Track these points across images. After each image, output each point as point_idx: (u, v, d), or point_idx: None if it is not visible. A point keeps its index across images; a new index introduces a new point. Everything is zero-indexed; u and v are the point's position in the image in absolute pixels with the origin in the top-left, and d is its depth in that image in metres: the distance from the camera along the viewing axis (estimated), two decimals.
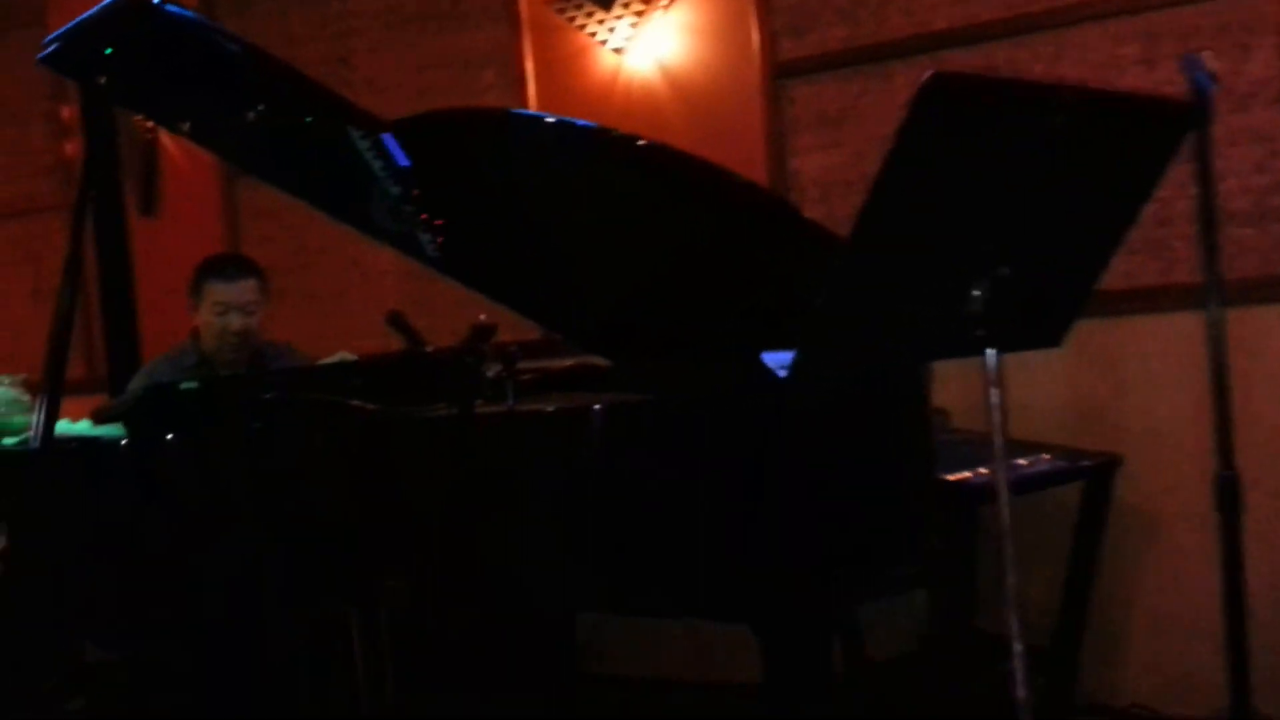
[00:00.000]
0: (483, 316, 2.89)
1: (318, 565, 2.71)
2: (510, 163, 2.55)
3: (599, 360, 3.23)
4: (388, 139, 3.12)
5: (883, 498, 2.46)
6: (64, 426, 3.21)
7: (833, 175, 4.19)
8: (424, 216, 3.25)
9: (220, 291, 3.78)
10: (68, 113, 5.60)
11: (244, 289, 3.81)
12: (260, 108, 2.74)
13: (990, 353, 1.96)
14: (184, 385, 3.24)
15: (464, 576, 2.53)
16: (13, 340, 5.47)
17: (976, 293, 1.91)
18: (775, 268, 2.39)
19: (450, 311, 4.78)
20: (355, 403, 2.89)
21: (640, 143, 2.33)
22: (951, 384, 2.91)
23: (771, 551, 2.27)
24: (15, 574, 2.90)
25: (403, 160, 3.29)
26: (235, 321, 3.79)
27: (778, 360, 2.23)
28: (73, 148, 5.55)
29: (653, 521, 2.28)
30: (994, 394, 1.98)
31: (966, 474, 2.91)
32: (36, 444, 2.85)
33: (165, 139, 5.35)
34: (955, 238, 1.88)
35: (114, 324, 5.10)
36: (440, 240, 3.45)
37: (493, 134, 2.61)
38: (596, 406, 2.35)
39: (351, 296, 5.02)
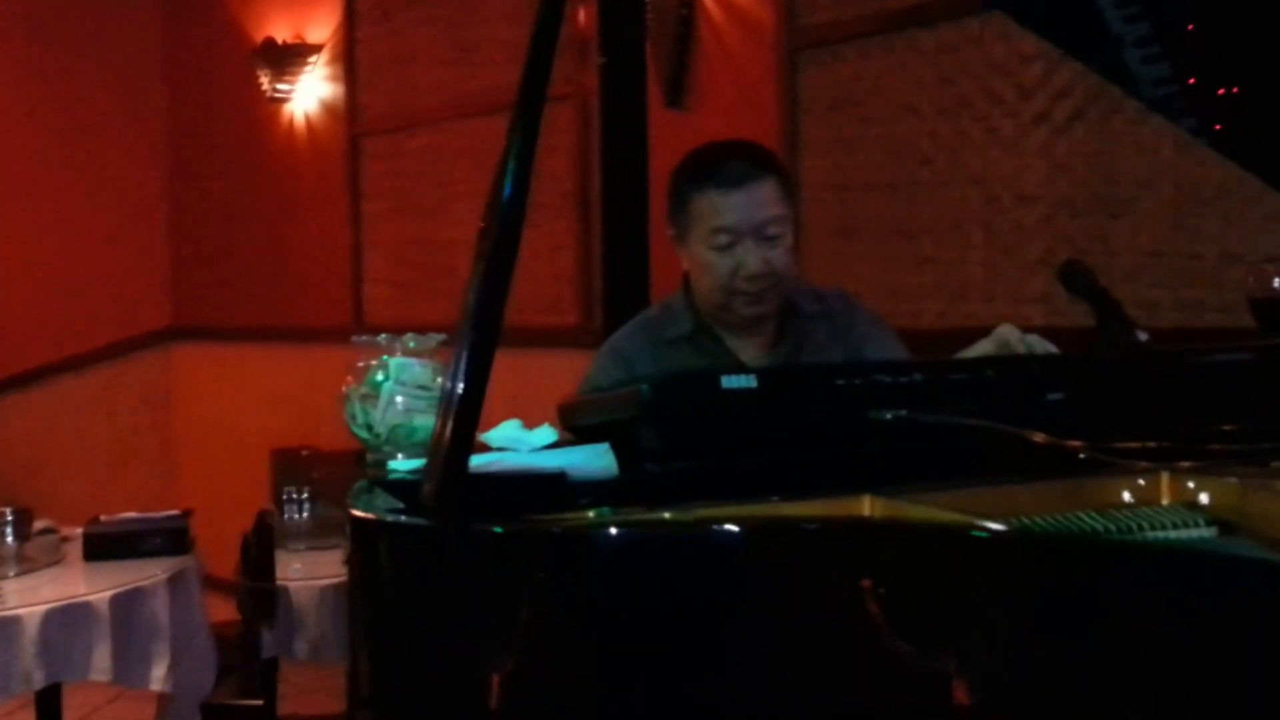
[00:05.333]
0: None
1: None
2: None
3: None
4: None
5: None
6: (505, 435, 1.66)
7: None
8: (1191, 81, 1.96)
9: (718, 207, 2.10)
10: None
11: (757, 198, 2.10)
12: None
13: None
14: (729, 381, 1.60)
15: None
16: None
17: None
18: None
19: (1143, 268, 2.93)
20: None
21: None
22: None
23: None
24: None
25: None
26: (751, 260, 2.11)
27: None
28: (586, 16, 4.11)
29: None
30: None
31: None
32: (431, 490, 1.32)
33: (709, 4, 3.80)
34: None
35: (617, 255, 3.58)
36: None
37: None
38: None
39: (972, 234, 3.23)
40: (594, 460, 1.69)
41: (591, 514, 1.46)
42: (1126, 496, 1.59)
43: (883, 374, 1.65)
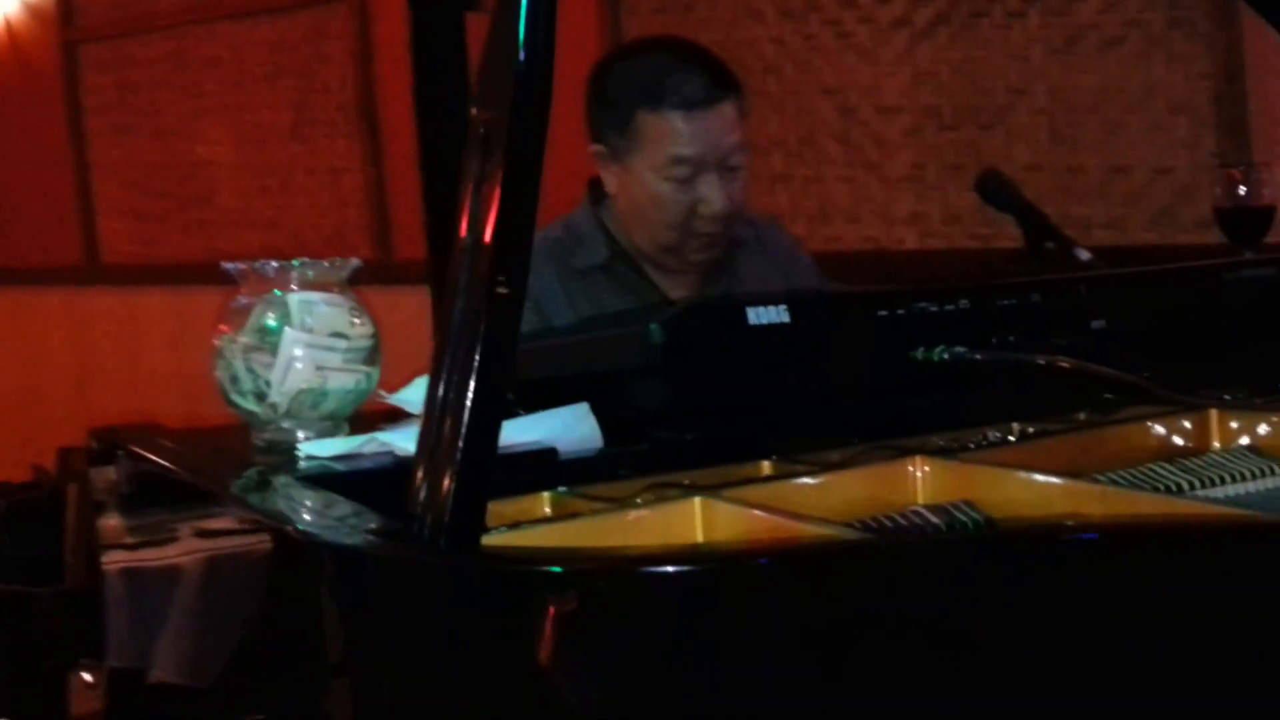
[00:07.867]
0: None
1: None
2: None
3: None
4: None
5: None
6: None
7: None
8: None
9: (679, 133, 1.82)
10: None
11: (722, 123, 1.83)
12: None
13: None
14: (757, 315, 1.29)
15: None
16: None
17: None
18: None
19: (1021, 183, 2.75)
20: None
21: None
22: None
23: None
24: None
25: None
26: (716, 196, 1.85)
27: None
28: None
29: None
30: None
31: None
32: (437, 512, 0.94)
33: None
34: None
35: (440, 178, 3.18)
36: None
37: None
38: None
39: (827, 148, 2.97)
40: (574, 427, 1.34)
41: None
42: (1179, 441, 1.37)
43: (927, 302, 1.36)
